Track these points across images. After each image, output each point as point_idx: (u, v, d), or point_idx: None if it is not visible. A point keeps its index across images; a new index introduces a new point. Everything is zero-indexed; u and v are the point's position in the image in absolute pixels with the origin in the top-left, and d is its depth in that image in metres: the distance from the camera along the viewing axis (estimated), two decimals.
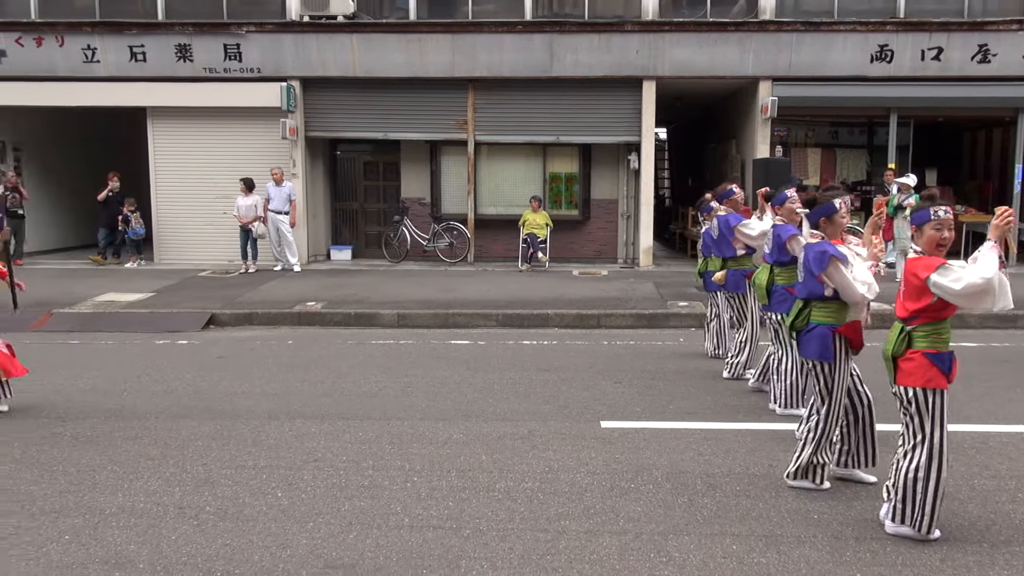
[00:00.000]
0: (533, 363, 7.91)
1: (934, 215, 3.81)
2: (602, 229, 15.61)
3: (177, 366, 7.80)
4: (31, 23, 14.39)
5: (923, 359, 3.84)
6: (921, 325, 3.85)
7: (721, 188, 7.72)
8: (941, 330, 3.86)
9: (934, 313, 3.81)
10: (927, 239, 3.84)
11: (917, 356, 3.86)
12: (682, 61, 14.10)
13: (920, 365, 3.84)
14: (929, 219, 3.83)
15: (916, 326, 3.87)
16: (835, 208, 4.50)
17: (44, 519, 4.23)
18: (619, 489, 4.63)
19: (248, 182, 13.81)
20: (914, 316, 3.85)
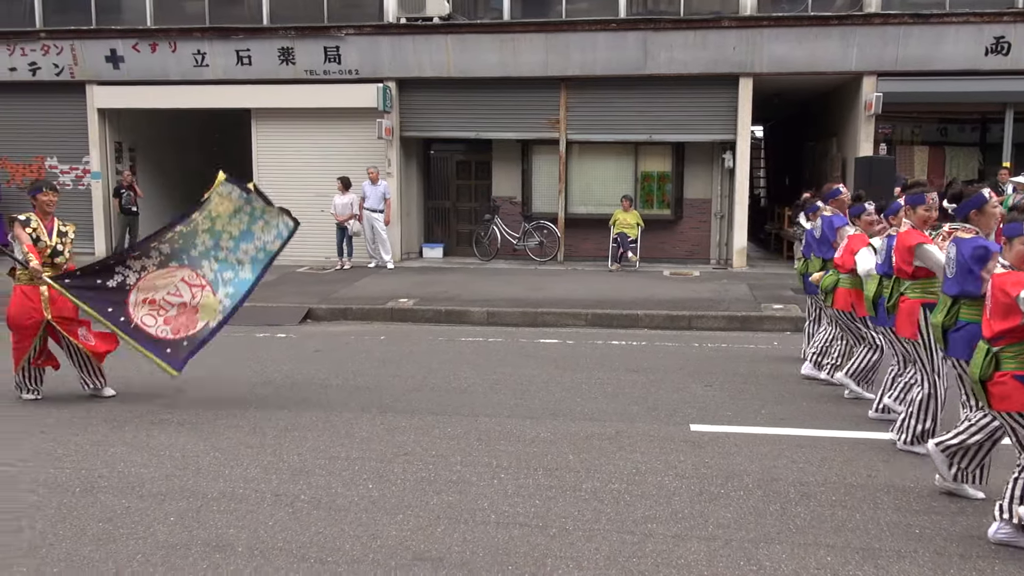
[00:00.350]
0: (622, 363, 7.85)
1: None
2: (694, 229, 15.34)
3: (276, 358, 8.09)
4: (147, 30, 15.17)
5: (1014, 382, 3.63)
6: (1009, 345, 3.65)
7: (827, 187, 7.43)
8: None
9: (1018, 333, 3.60)
10: (1016, 253, 3.66)
11: (1007, 379, 3.65)
12: (781, 57, 13.72)
13: (1014, 388, 3.63)
14: (1020, 233, 3.64)
15: (1003, 347, 3.67)
16: (985, 199, 4.25)
17: (152, 501, 4.46)
18: (708, 494, 4.55)
19: (345, 180, 14.19)
20: (1000, 336, 3.65)
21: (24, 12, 15.83)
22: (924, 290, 5.07)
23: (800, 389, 6.82)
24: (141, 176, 16.71)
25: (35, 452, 5.24)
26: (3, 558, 3.77)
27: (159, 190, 17.36)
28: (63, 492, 4.57)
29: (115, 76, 15.39)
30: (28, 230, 6.23)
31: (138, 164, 16.99)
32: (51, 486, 4.66)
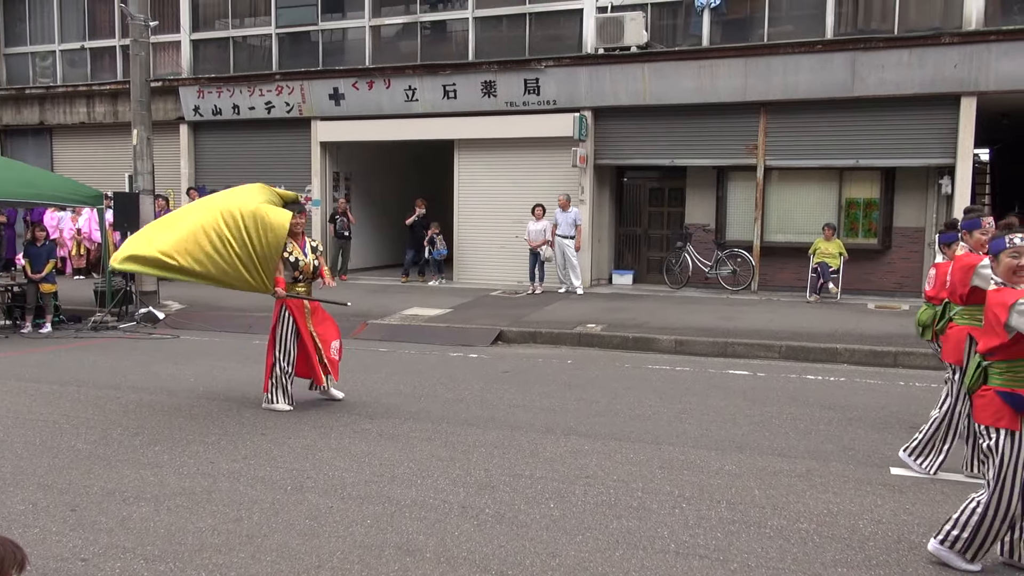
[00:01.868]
0: (816, 399, 7.48)
1: (1010, 243, 3.76)
2: (904, 260, 14.31)
3: (467, 377, 8.45)
4: (365, 69, 16.47)
5: (994, 396, 3.74)
6: (998, 361, 3.74)
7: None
8: (1019, 368, 3.69)
9: (1009, 350, 3.66)
10: (1004, 266, 3.78)
11: (989, 393, 3.78)
12: (1010, 73, 12.56)
13: (990, 402, 3.75)
14: (1004, 247, 3.78)
15: (992, 362, 3.77)
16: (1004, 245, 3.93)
17: (352, 503, 4.82)
18: (907, 542, 4.25)
19: (542, 208, 14.60)
20: (991, 352, 3.74)
21: (263, 57, 17.72)
22: (973, 317, 5.03)
23: None
24: (354, 203, 18.06)
25: (255, 451, 5.82)
26: (226, 543, 4.23)
27: (369, 217, 18.68)
28: (277, 489, 5.04)
29: (336, 112, 16.82)
30: (285, 254, 6.94)
31: (352, 192, 18.39)
32: (267, 483, 5.16)
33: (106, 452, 5.78)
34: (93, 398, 7.43)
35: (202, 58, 18.34)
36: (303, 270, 7.01)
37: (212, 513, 4.63)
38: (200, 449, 5.86)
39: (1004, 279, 3.80)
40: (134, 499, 4.85)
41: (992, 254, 3.89)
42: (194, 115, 18.04)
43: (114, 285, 12.49)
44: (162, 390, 7.78)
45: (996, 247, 3.85)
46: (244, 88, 17.40)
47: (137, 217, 12.45)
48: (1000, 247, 3.82)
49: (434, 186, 18.54)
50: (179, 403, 7.25)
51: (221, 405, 7.16)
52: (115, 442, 6.03)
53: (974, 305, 4.90)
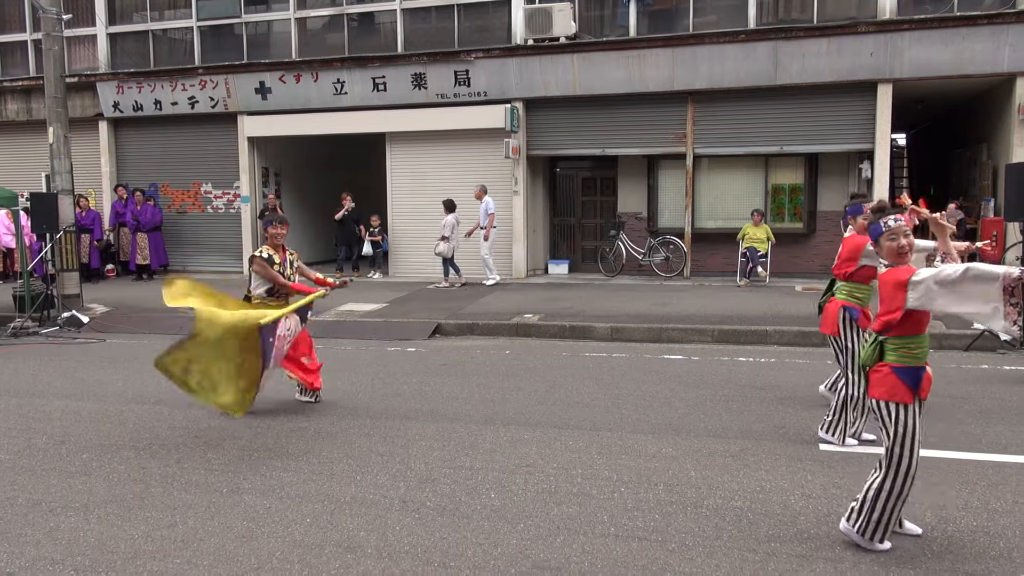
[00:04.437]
0: (748, 380, 7.68)
1: (884, 226, 3.85)
2: (828, 242, 14.75)
3: (405, 371, 8.40)
4: (291, 62, 16.17)
5: (889, 372, 3.83)
6: (893, 338, 3.83)
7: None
8: (912, 344, 3.81)
9: (903, 326, 3.77)
10: (887, 249, 3.87)
11: (884, 368, 3.85)
12: (923, 61, 13.06)
13: (885, 377, 3.84)
14: (881, 231, 3.87)
15: (888, 338, 3.85)
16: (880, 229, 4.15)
17: (291, 503, 4.75)
18: (837, 515, 4.39)
19: (448, 203, 14.54)
20: (887, 328, 3.81)
21: (184, 51, 17.24)
22: (851, 294, 5.51)
23: (941, 409, 6.46)
24: (285, 199, 17.75)
25: (189, 455, 5.69)
26: (160, 549, 4.12)
27: (301, 213, 18.38)
28: (212, 492, 4.94)
29: (263, 106, 16.48)
30: (276, 268, 6.68)
31: (282, 187, 18.06)
32: (201, 486, 5.05)
33: (30, 462, 5.57)
34: (15, 407, 7.14)
35: (120, 52, 17.74)
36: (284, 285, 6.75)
37: (145, 520, 4.52)
38: (131, 455, 5.69)
39: (890, 260, 3.88)
40: (62, 509, 4.69)
41: (873, 240, 3.95)
42: (114, 111, 17.46)
43: (34, 289, 12.02)
44: (89, 396, 7.53)
45: (874, 232, 3.91)
46: (166, 83, 16.91)
47: (56, 218, 11.99)
48: (878, 232, 3.88)
49: (367, 180, 18.35)
50: (107, 409, 7.03)
51: (152, 410, 6.97)
52: (40, 451, 5.82)
53: (854, 283, 5.47)
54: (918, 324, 3.79)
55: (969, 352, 9.01)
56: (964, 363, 8.39)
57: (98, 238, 16.80)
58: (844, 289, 5.55)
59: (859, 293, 5.50)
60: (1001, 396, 6.98)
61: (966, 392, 7.08)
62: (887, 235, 3.85)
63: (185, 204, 17.89)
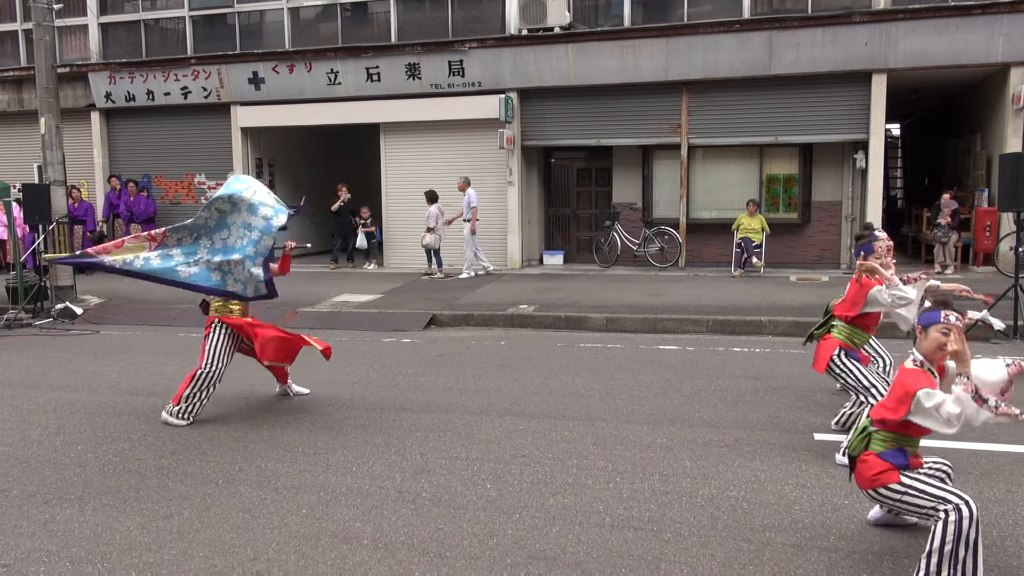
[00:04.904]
0: (743, 371, 7.70)
1: (944, 319, 3.59)
2: (823, 233, 14.81)
3: (401, 362, 8.40)
4: (285, 52, 16.09)
5: (875, 459, 3.62)
6: (885, 432, 3.64)
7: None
8: (903, 442, 3.63)
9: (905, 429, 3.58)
10: (931, 340, 3.60)
11: (871, 457, 3.64)
12: (918, 51, 13.07)
13: (870, 466, 3.62)
14: (938, 321, 3.60)
15: (879, 430, 3.66)
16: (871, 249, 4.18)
17: (286, 493, 4.75)
18: (831, 505, 4.42)
19: (429, 194, 14.51)
20: (881, 421, 3.64)
21: (177, 41, 17.14)
22: (848, 338, 5.33)
23: None
24: (279, 190, 17.67)
25: (184, 446, 5.68)
26: (156, 541, 4.12)
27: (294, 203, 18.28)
28: (208, 483, 4.94)
29: (256, 97, 16.41)
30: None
31: (276, 179, 18.00)
32: (197, 477, 5.05)
33: (25, 454, 5.56)
34: (8, 398, 7.12)
35: (112, 42, 17.63)
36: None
37: (140, 511, 4.51)
38: (126, 447, 5.69)
39: (926, 353, 3.62)
40: (57, 500, 4.69)
41: (922, 326, 3.67)
42: (106, 101, 17.36)
43: (27, 280, 11.97)
44: (83, 388, 7.51)
45: (928, 320, 3.65)
46: (158, 73, 16.81)
47: (49, 209, 11.93)
48: (933, 320, 3.63)
49: (361, 171, 18.30)
50: (102, 401, 7.02)
51: (146, 401, 6.96)
52: (34, 443, 5.81)
53: (855, 327, 5.33)
54: (917, 432, 3.61)
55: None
56: None
57: (91, 229, 16.73)
58: (844, 331, 5.35)
59: (857, 339, 5.35)
60: None
61: None
62: (941, 327, 3.58)
63: (179, 195, 17.83)
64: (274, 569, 3.80)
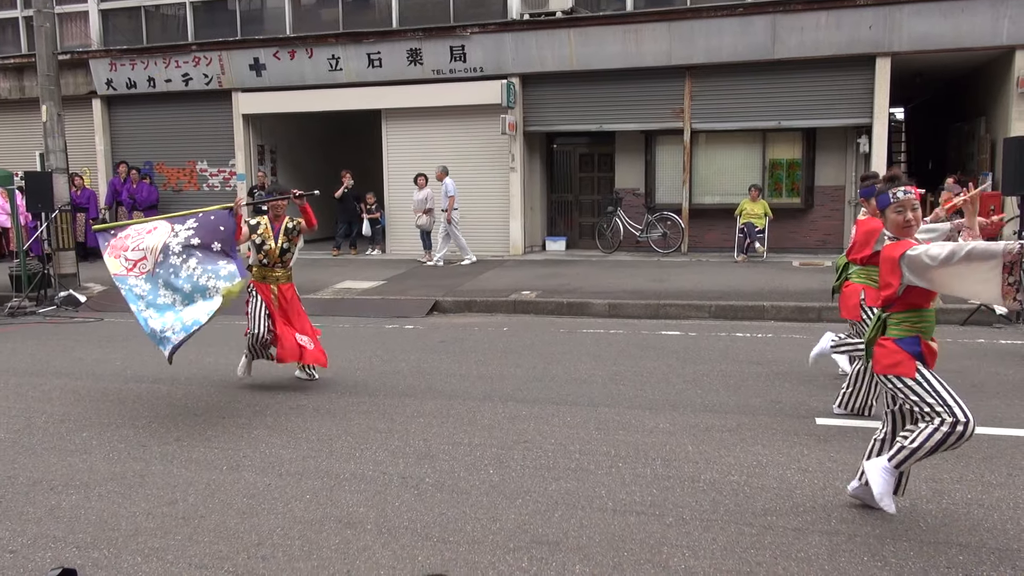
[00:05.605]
0: (745, 356, 7.71)
1: (893, 197, 3.76)
2: (826, 218, 14.77)
3: (403, 348, 8.42)
4: (286, 38, 16.03)
5: (891, 344, 3.80)
6: (895, 312, 3.80)
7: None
8: (915, 319, 3.77)
9: (904, 300, 3.74)
10: (891, 223, 3.81)
11: (887, 343, 3.82)
12: (922, 34, 12.99)
13: (887, 352, 3.80)
14: (889, 202, 3.78)
15: (891, 314, 3.82)
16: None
17: (290, 479, 4.78)
18: (833, 488, 4.43)
19: (424, 177, 14.49)
20: (887, 304, 3.79)
21: (177, 27, 17.08)
22: (868, 276, 5.43)
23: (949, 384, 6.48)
24: (281, 176, 17.67)
25: (188, 432, 5.71)
26: (161, 526, 4.15)
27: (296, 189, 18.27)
28: (212, 469, 4.97)
29: (258, 83, 16.37)
30: (254, 236, 6.73)
31: (278, 165, 17.98)
32: (202, 463, 5.08)
33: (30, 441, 5.60)
34: (13, 386, 7.16)
35: (113, 29, 17.57)
36: (268, 253, 6.75)
37: (146, 497, 4.54)
38: (130, 433, 5.72)
39: (894, 233, 3.81)
40: (62, 487, 4.72)
41: (880, 209, 3.87)
42: (107, 89, 17.33)
43: (31, 268, 11.99)
44: (87, 375, 7.55)
45: (882, 203, 3.83)
46: (159, 59, 16.77)
47: (51, 197, 11.94)
48: (886, 202, 3.80)
49: (363, 157, 18.27)
50: (106, 388, 7.05)
51: (151, 388, 6.99)
52: (39, 430, 5.84)
53: (871, 266, 5.34)
54: (921, 298, 3.73)
55: (965, 326, 9.04)
56: (960, 337, 8.43)
57: (93, 216, 16.74)
58: (861, 273, 5.47)
59: (876, 276, 5.38)
60: (997, 370, 7.02)
61: (962, 366, 7.11)
62: (894, 207, 3.77)
63: (181, 182, 17.82)
64: (279, 554, 3.82)
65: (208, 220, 6.36)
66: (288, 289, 6.90)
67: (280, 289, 6.83)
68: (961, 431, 3.56)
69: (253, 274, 6.78)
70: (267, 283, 6.79)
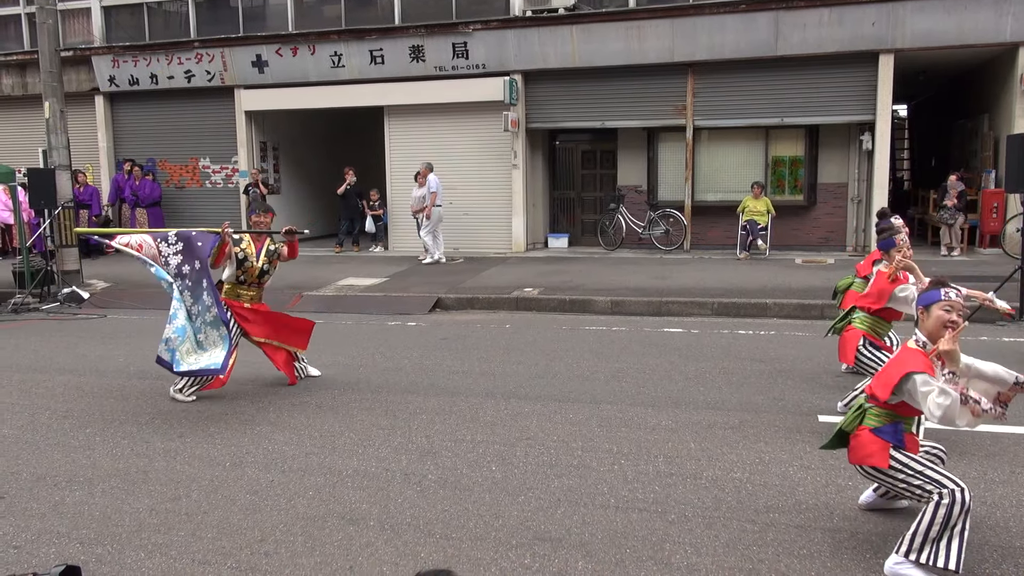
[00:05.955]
0: (748, 353, 7.70)
1: (944, 296, 3.58)
2: (829, 215, 14.76)
3: (406, 345, 8.43)
4: (288, 35, 16.02)
5: (868, 435, 3.61)
6: (880, 409, 3.62)
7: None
8: (897, 418, 3.61)
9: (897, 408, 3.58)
10: (935, 319, 3.58)
11: (863, 433, 3.63)
12: (925, 30, 12.95)
13: (863, 443, 3.61)
14: (939, 299, 3.59)
15: (874, 407, 3.64)
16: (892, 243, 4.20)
17: (293, 476, 4.79)
18: (835, 486, 4.44)
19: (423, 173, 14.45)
20: (875, 400, 3.61)
21: (180, 24, 17.07)
22: (871, 328, 5.52)
23: None
24: (283, 173, 17.69)
25: (192, 429, 5.72)
26: (164, 522, 4.16)
27: (300, 187, 18.32)
28: (216, 466, 4.98)
29: (260, 80, 16.36)
30: (237, 249, 6.53)
31: (281, 162, 17.99)
32: (205, 460, 5.09)
33: (34, 437, 5.61)
34: (17, 382, 7.18)
35: (115, 25, 17.57)
36: (247, 271, 6.59)
37: (149, 493, 4.55)
38: (133, 429, 5.73)
39: (931, 331, 3.58)
40: (66, 483, 4.73)
41: (923, 306, 3.65)
42: (110, 85, 17.33)
43: (34, 265, 12.02)
44: (91, 371, 7.56)
45: (928, 299, 3.62)
46: (161, 56, 16.77)
47: (54, 194, 11.95)
48: (934, 299, 3.60)
49: (365, 154, 18.27)
50: (109, 384, 7.06)
51: (154, 384, 7.00)
52: (43, 426, 5.85)
53: (877, 318, 5.47)
54: (909, 410, 3.60)
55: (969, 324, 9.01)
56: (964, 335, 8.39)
57: (96, 213, 16.76)
58: (866, 321, 5.53)
59: (880, 329, 5.52)
60: None
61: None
62: (943, 304, 3.56)
63: (183, 179, 17.83)
64: (281, 550, 3.83)
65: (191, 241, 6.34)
66: (261, 307, 6.73)
67: (252, 307, 6.66)
68: (961, 499, 3.35)
69: (224, 291, 6.55)
70: (240, 301, 6.60)
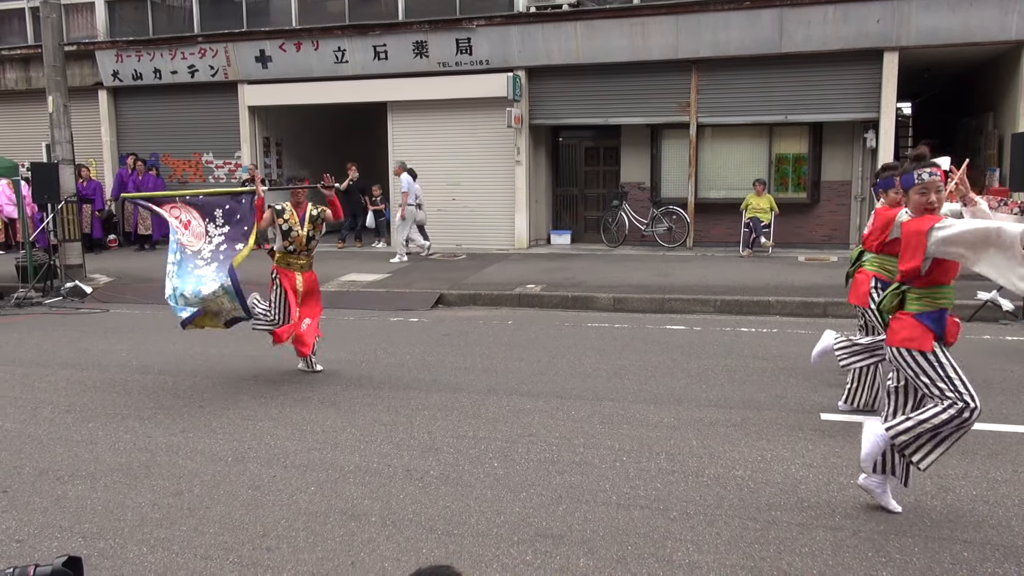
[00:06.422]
0: (750, 351, 7.70)
1: (918, 178, 3.68)
2: (832, 212, 14.73)
3: (408, 341, 8.43)
4: (292, 30, 16.01)
5: (910, 319, 3.73)
6: (916, 288, 3.72)
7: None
8: (937, 295, 3.70)
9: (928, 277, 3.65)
10: (914, 204, 3.73)
11: (906, 317, 3.75)
12: (930, 28, 12.91)
13: (904, 325, 3.73)
14: (913, 183, 3.70)
15: (911, 288, 3.74)
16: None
17: (295, 471, 4.79)
18: (837, 484, 4.43)
19: (411, 170, 14.45)
20: (909, 277, 3.69)
21: (184, 19, 17.07)
22: (882, 266, 5.42)
23: None
24: (286, 169, 17.68)
25: (194, 424, 5.73)
26: (167, 517, 4.17)
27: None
28: (218, 461, 4.98)
29: (263, 75, 16.35)
30: (280, 220, 6.82)
31: (284, 157, 17.99)
32: (207, 455, 5.09)
33: (36, 431, 5.62)
34: (20, 376, 7.19)
35: (119, 20, 17.57)
36: (295, 240, 6.85)
37: (151, 488, 4.56)
38: (136, 424, 5.74)
39: (916, 215, 3.74)
40: (69, 477, 4.74)
41: (903, 189, 3.83)
42: (113, 80, 17.34)
43: (37, 259, 12.03)
44: (93, 366, 7.57)
45: (906, 183, 3.78)
46: (165, 51, 16.76)
47: (57, 188, 11.96)
48: (909, 183, 3.74)
49: (368, 149, 18.25)
50: (112, 378, 7.07)
51: (156, 379, 7.01)
52: (46, 420, 5.86)
53: (886, 255, 5.34)
54: (944, 274, 3.66)
55: (972, 323, 9.01)
56: (967, 334, 8.36)
57: (100, 208, 16.77)
58: (875, 261, 5.47)
59: (890, 266, 5.38)
60: (1003, 367, 7.00)
61: (968, 363, 7.06)
62: (918, 188, 3.69)
63: (186, 174, 17.84)
64: (283, 545, 3.84)
65: (234, 220, 6.61)
66: (310, 277, 7.04)
67: (304, 277, 6.97)
68: (967, 416, 3.54)
69: (276, 260, 6.89)
70: (291, 270, 6.90)
